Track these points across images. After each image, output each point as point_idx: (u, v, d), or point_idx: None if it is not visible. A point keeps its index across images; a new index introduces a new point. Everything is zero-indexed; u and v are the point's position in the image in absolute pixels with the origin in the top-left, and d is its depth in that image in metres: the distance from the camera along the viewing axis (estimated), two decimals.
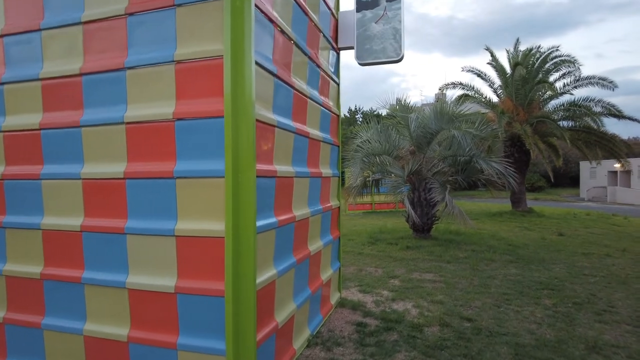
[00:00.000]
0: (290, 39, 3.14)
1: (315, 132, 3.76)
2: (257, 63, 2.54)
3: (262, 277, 2.60)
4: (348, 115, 41.58)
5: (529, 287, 5.25)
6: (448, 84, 14.34)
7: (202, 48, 2.50)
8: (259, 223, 2.56)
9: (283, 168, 2.98)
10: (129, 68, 2.66)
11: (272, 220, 2.77)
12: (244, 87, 2.41)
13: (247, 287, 2.42)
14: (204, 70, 2.51)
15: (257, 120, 2.52)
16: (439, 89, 14.06)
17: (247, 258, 2.41)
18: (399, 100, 8.60)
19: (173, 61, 2.56)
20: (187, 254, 2.55)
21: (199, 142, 2.51)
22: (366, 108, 38.26)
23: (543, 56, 13.60)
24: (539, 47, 13.65)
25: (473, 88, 14.32)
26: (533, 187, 29.73)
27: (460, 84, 14.31)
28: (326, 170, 4.18)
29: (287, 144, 3.09)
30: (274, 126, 2.79)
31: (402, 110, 8.56)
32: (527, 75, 13.54)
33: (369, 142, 9.10)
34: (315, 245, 3.77)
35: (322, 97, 4.05)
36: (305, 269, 3.51)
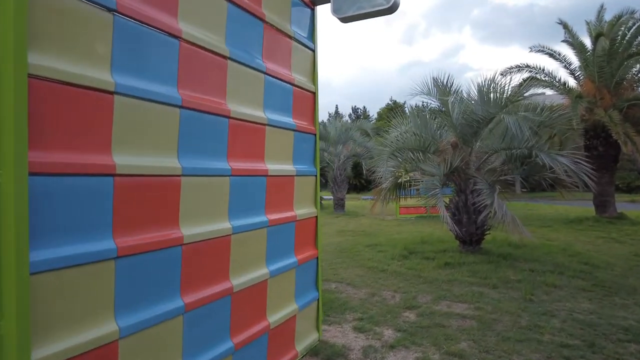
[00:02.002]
0: None
1: (248, 112, 2.61)
2: None
3: (71, 341, 1.53)
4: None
5: (606, 337, 3.55)
6: (512, 67, 12.12)
7: None
8: (54, 253, 1.49)
9: (143, 161, 1.88)
10: None
11: (105, 246, 1.68)
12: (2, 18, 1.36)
13: None
14: None
15: (37, 77, 1.45)
16: (500, 74, 11.89)
17: (7, 313, 1.35)
18: (435, 81, 7.02)
19: None
20: None
21: None
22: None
23: (639, 23, 10.82)
24: (633, 12, 10.90)
25: (543, 70, 11.94)
26: (629, 188, 25.18)
27: (527, 66, 12.00)
28: (283, 167, 3.00)
29: (159, 122, 1.99)
30: (107, 92, 1.71)
31: (441, 94, 6.98)
32: (615, 48, 10.90)
33: (404, 135, 7.64)
34: (250, 274, 2.62)
35: (274, 65, 2.89)
36: (221, 311, 2.37)
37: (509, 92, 6.61)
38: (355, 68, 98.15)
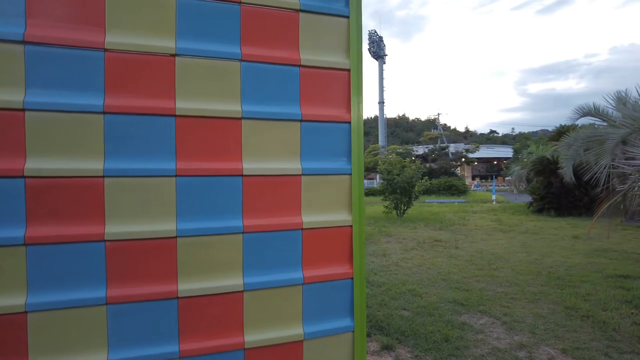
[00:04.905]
0: None
1: (208, 107, 2.44)
2: None
3: None
4: None
5: None
6: None
7: None
8: None
9: (57, 164, 2.16)
10: None
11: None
12: None
13: None
14: None
15: None
16: None
17: None
18: None
19: None
20: None
21: None
22: None
23: None
24: None
25: None
26: None
27: None
28: (275, 165, 2.60)
29: (76, 129, 2.20)
30: (17, 110, 2.08)
31: None
32: None
33: None
34: (212, 282, 2.44)
35: (260, 48, 2.56)
36: (163, 314, 2.35)
37: None
38: None
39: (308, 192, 2.68)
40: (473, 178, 74.91)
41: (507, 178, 48.54)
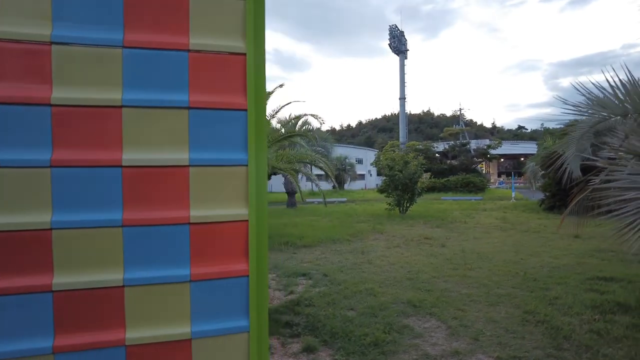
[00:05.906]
0: None
1: (85, 95, 2.37)
2: None
3: None
4: None
5: None
6: None
7: None
8: None
9: None
10: None
11: None
12: None
13: None
14: None
15: None
16: None
17: None
18: None
19: None
20: None
21: None
22: None
23: None
24: None
25: None
26: None
27: None
28: (158, 156, 2.50)
29: None
30: None
31: None
32: None
33: None
34: (91, 276, 2.37)
35: (146, 34, 2.47)
36: (39, 307, 2.30)
37: None
38: None
39: (197, 185, 2.57)
40: (499, 175, 72.70)
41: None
